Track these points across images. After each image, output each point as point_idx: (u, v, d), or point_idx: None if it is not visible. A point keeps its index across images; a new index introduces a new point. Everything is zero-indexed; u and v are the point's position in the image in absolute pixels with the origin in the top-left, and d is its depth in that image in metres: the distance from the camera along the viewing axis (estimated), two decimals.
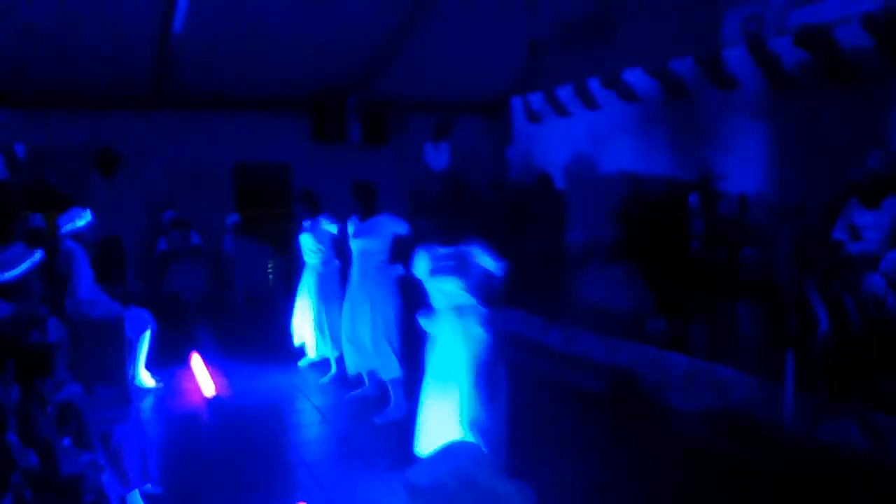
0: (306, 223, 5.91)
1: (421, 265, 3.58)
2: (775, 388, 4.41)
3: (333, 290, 5.73)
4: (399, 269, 4.97)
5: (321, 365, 5.97)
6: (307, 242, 5.89)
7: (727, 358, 5.06)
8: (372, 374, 5.17)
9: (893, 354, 4.14)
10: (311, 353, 6.05)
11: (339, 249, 5.76)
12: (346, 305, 5.11)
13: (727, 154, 6.71)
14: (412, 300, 4.90)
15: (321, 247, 5.81)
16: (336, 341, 5.60)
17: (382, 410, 4.89)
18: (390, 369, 4.87)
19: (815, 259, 4.63)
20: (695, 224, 6.12)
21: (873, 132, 5.45)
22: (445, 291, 3.51)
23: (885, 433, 3.91)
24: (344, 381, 5.52)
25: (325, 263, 5.84)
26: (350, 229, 5.11)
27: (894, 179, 4.41)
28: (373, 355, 4.92)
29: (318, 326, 5.86)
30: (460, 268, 3.45)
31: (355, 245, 5.01)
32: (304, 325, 6.07)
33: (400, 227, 4.93)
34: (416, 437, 3.69)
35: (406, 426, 4.63)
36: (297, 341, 6.18)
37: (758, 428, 4.43)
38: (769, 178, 6.42)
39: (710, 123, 6.95)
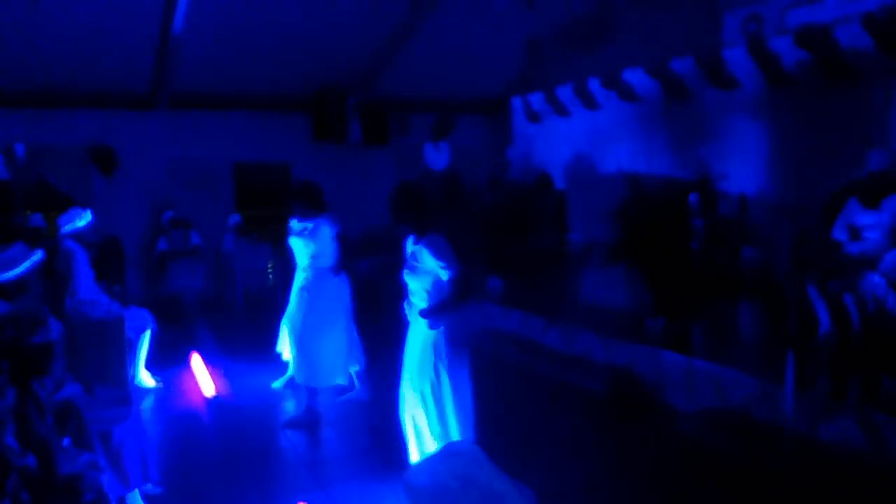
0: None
1: (406, 249, 3.58)
2: (775, 388, 4.41)
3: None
4: (345, 280, 4.97)
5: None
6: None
7: (727, 358, 5.05)
8: (360, 376, 5.15)
9: (893, 354, 4.14)
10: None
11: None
12: (298, 312, 5.02)
13: (727, 154, 6.71)
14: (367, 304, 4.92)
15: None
16: None
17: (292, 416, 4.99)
18: (335, 376, 4.93)
19: (815, 259, 4.64)
20: (695, 224, 6.12)
21: (873, 132, 5.45)
22: (409, 288, 3.51)
23: (885, 433, 3.91)
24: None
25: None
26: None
27: (894, 179, 4.41)
28: (314, 363, 4.90)
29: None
30: (416, 268, 3.43)
31: (304, 247, 4.98)
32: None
33: (335, 228, 4.88)
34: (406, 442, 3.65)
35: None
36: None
37: (758, 428, 4.43)
38: (769, 178, 6.42)
39: (711, 123, 6.95)
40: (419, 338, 3.46)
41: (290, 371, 5.45)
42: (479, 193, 8.77)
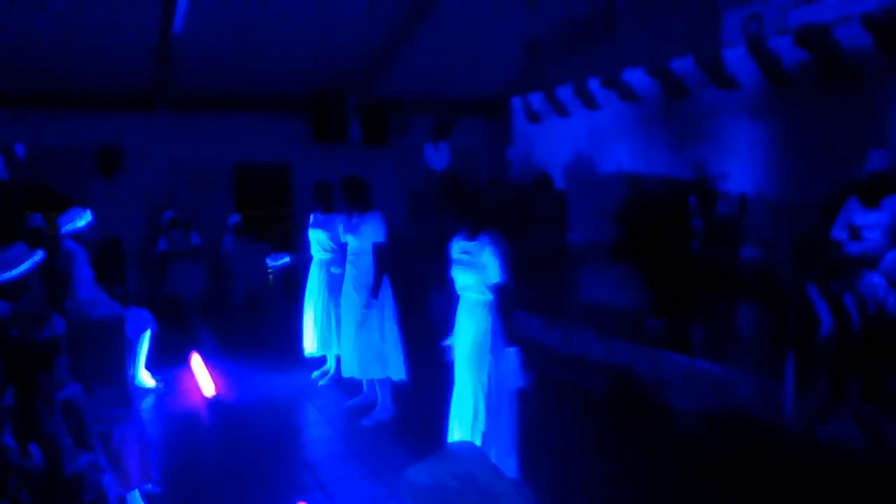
0: (318, 217, 5.73)
1: (451, 253, 3.57)
2: (775, 388, 4.41)
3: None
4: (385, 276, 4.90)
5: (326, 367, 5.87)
6: (319, 238, 5.73)
7: (727, 358, 5.06)
8: (370, 381, 5.11)
9: (893, 354, 4.14)
10: (312, 349, 5.95)
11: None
12: (343, 305, 5.06)
13: (727, 154, 6.71)
14: (408, 301, 4.89)
15: (333, 244, 5.55)
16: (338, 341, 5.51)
17: (370, 412, 4.88)
18: (375, 370, 4.84)
19: (815, 259, 4.63)
20: (695, 224, 6.12)
21: (873, 132, 5.45)
22: (459, 284, 3.51)
23: (885, 433, 3.91)
24: (340, 383, 5.50)
25: (337, 261, 5.52)
26: (340, 226, 5.09)
27: (894, 179, 4.42)
28: (358, 356, 4.86)
29: (325, 324, 5.71)
30: (473, 263, 3.42)
31: (348, 242, 4.98)
32: (309, 324, 5.91)
33: (378, 235, 4.79)
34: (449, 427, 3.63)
35: (406, 427, 4.63)
36: (307, 348, 5.96)
37: (758, 428, 4.43)
38: (769, 177, 6.42)
39: (711, 123, 6.95)
40: (472, 328, 3.44)
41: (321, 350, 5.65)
42: (479, 193, 8.76)
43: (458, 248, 3.50)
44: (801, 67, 5.98)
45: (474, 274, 3.40)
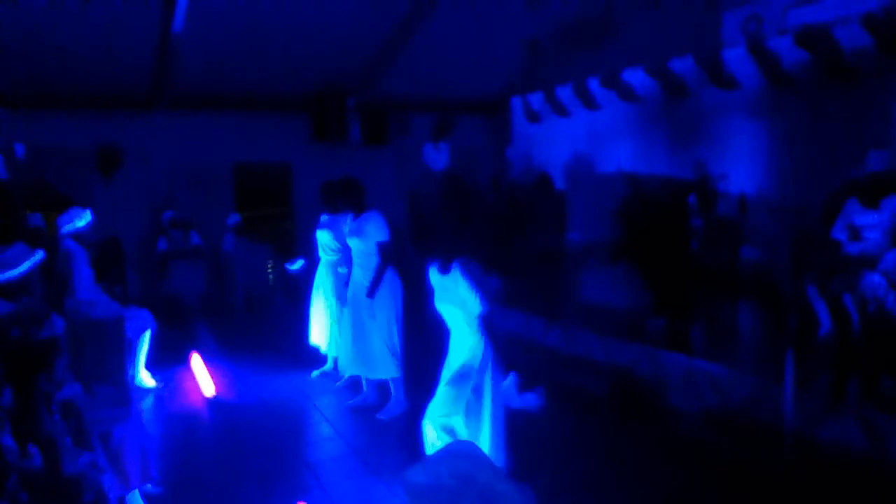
0: (324, 218, 5.73)
1: (431, 280, 3.54)
2: (775, 388, 4.42)
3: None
4: (393, 273, 4.90)
5: (333, 371, 5.83)
6: (324, 239, 5.74)
7: (727, 358, 5.06)
8: (370, 380, 5.12)
9: (893, 354, 4.14)
10: (322, 345, 5.94)
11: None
12: (349, 306, 5.06)
13: (727, 154, 6.71)
14: (414, 300, 4.89)
15: (339, 244, 5.55)
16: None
17: (384, 407, 4.91)
18: (388, 370, 4.86)
19: (815, 259, 4.64)
20: (694, 224, 6.13)
21: (873, 132, 5.45)
22: (446, 317, 3.49)
23: (885, 433, 3.91)
24: (344, 384, 5.51)
25: (344, 262, 5.52)
26: (345, 228, 5.10)
27: (894, 179, 4.42)
28: (369, 356, 4.88)
29: (331, 325, 5.69)
30: (453, 298, 3.39)
31: (351, 244, 4.98)
32: (319, 325, 5.89)
33: (381, 235, 4.80)
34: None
35: (406, 426, 4.63)
36: (314, 342, 5.98)
37: (758, 428, 4.44)
38: (769, 177, 6.42)
39: (710, 123, 6.95)
40: (461, 357, 3.41)
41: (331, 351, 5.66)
42: (479, 194, 8.77)
43: (434, 279, 3.47)
44: (801, 67, 5.98)
45: (458, 308, 3.37)
